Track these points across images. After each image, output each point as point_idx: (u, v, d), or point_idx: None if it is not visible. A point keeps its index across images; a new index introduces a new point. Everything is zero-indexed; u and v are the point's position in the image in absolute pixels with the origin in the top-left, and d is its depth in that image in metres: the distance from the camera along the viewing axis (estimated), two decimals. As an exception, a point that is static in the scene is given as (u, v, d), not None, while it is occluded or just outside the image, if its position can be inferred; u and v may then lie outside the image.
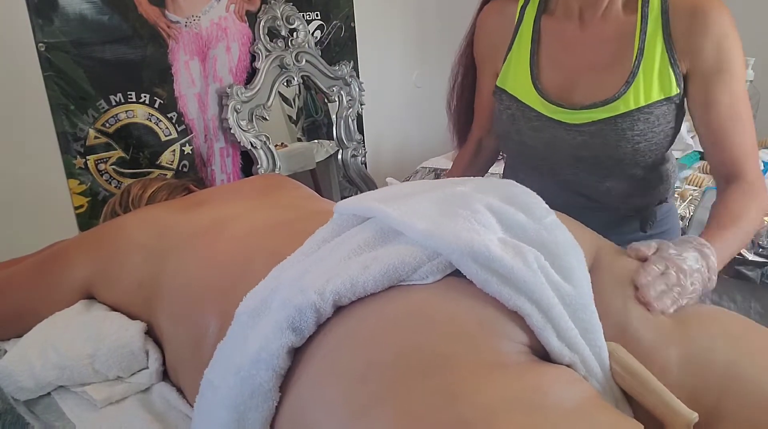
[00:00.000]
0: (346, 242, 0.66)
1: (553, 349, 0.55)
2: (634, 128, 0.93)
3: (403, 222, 0.64)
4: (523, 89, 1.01)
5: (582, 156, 0.98)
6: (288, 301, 0.58)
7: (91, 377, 0.82)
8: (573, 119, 0.96)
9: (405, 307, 0.57)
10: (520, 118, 1.01)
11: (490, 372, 0.51)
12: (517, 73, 1.02)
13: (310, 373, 0.56)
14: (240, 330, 0.62)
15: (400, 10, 2.49)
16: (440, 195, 0.70)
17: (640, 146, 0.94)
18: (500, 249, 0.58)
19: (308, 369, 0.56)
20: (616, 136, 0.94)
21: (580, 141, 0.97)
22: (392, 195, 0.73)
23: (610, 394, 0.57)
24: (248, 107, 1.95)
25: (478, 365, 0.51)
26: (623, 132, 0.94)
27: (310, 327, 0.58)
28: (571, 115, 0.96)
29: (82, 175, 1.68)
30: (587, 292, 0.60)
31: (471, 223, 0.63)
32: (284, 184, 1.09)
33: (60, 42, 1.58)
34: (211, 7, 1.87)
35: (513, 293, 0.56)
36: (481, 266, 0.57)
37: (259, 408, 0.56)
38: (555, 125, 0.98)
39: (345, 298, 0.58)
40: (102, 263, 0.91)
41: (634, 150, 0.95)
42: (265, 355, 0.56)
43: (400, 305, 0.58)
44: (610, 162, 0.98)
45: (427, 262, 0.60)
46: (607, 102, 0.94)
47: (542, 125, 0.99)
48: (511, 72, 1.03)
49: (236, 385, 0.57)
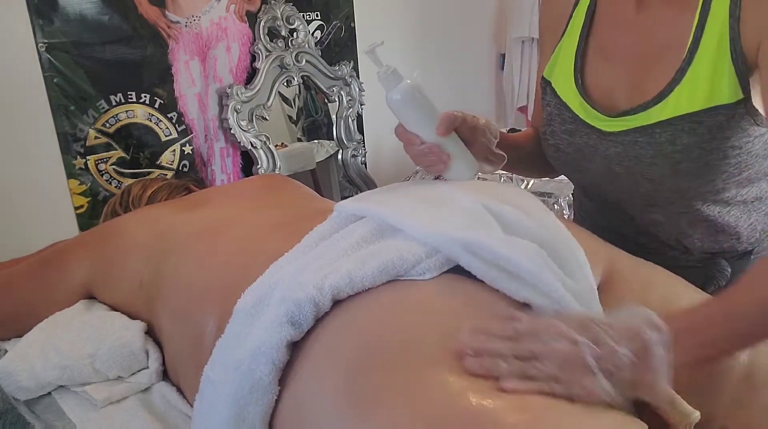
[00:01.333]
0: (344, 239, 0.67)
1: None
2: (675, 142, 0.72)
3: (402, 219, 0.64)
4: (565, 84, 0.85)
5: (617, 172, 0.80)
6: (287, 296, 0.59)
7: (92, 377, 0.82)
8: (607, 126, 0.79)
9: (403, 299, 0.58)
10: (555, 118, 0.86)
11: None
12: (564, 65, 0.86)
13: (308, 365, 0.56)
14: (239, 326, 0.62)
15: (400, 10, 2.49)
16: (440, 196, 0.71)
17: (682, 167, 0.73)
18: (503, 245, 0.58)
19: (306, 362, 0.56)
20: (652, 150, 0.74)
21: (613, 153, 0.79)
22: (392, 194, 0.73)
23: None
24: (248, 107, 1.95)
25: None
26: (660, 146, 0.74)
27: (308, 321, 0.58)
28: (606, 121, 0.79)
29: (82, 175, 1.68)
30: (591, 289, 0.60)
31: (471, 221, 0.63)
32: (284, 184, 1.09)
33: (60, 42, 1.58)
34: (211, 7, 1.87)
35: (521, 287, 0.56)
36: (485, 262, 0.57)
37: (259, 402, 0.56)
38: (589, 131, 0.81)
39: (343, 292, 0.59)
40: (102, 263, 0.91)
41: (674, 172, 0.74)
42: (264, 349, 0.57)
43: (399, 298, 0.58)
44: (648, 186, 0.78)
45: (425, 259, 0.61)
46: (644, 107, 0.75)
47: (576, 129, 0.83)
48: (559, 62, 0.87)
49: (236, 380, 0.57)
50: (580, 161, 0.84)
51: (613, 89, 0.80)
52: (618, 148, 0.78)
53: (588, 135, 0.82)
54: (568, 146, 0.85)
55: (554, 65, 0.88)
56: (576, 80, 0.83)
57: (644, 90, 0.76)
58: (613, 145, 0.79)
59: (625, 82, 0.79)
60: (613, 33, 0.81)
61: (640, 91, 0.77)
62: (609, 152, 0.79)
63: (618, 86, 0.80)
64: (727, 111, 0.70)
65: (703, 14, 0.71)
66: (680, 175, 0.74)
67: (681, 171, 0.74)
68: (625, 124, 0.77)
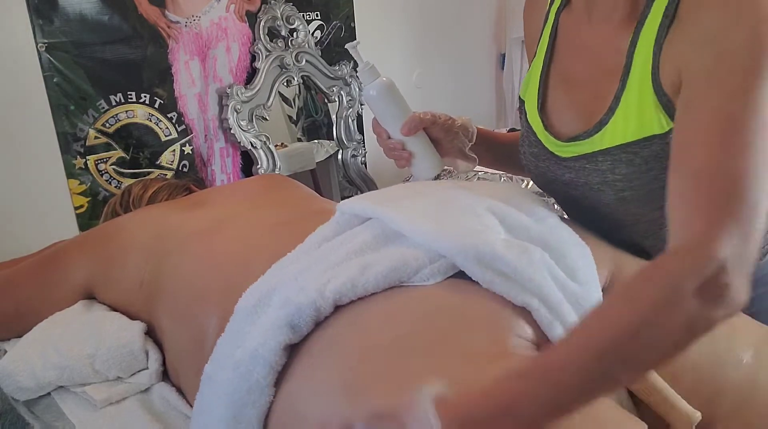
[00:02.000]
0: (347, 242, 0.66)
1: None
2: (615, 171, 0.71)
3: (405, 224, 0.64)
4: (531, 108, 0.84)
5: (574, 196, 0.80)
6: (289, 299, 0.58)
7: (91, 377, 0.82)
8: (561, 151, 0.78)
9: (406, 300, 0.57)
10: (525, 140, 0.85)
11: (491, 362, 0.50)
12: (531, 88, 0.84)
13: (305, 368, 0.56)
14: (239, 325, 0.62)
15: (400, 10, 2.49)
16: (442, 197, 0.70)
17: (626, 196, 0.72)
18: (505, 249, 0.58)
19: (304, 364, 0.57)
20: (599, 178, 0.74)
21: (568, 178, 0.78)
22: (394, 196, 0.73)
23: (615, 392, 0.57)
24: (248, 107, 1.95)
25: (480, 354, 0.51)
26: (603, 174, 0.73)
27: (308, 325, 0.58)
28: (560, 146, 0.78)
29: (82, 175, 1.68)
30: (595, 290, 0.59)
31: (474, 225, 0.63)
32: (284, 184, 1.09)
33: (60, 42, 1.58)
34: (211, 7, 1.87)
35: (520, 291, 0.56)
36: (486, 267, 0.57)
37: (256, 403, 0.56)
38: (548, 156, 0.80)
39: (346, 297, 0.58)
40: (102, 263, 0.91)
41: (618, 199, 0.73)
42: (262, 352, 0.57)
43: (401, 299, 0.58)
44: (605, 210, 0.77)
45: (429, 264, 0.60)
46: (587, 135, 0.74)
47: (539, 152, 0.82)
48: (530, 84, 0.85)
49: (234, 380, 0.57)
50: (546, 184, 0.85)
51: (566, 114, 0.79)
52: (571, 173, 0.77)
53: (548, 160, 0.81)
54: (535, 169, 0.84)
55: (527, 86, 0.86)
56: (538, 105, 0.82)
57: (590, 116, 0.74)
58: (567, 171, 0.78)
59: (576, 108, 0.78)
60: (571, 57, 0.79)
61: (587, 118, 0.75)
62: (564, 178, 0.79)
63: (570, 112, 0.78)
64: (661, 140, 0.67)
65: (634, 38, 0.68)
66: (627, 202, 0.73)
67: (626, 199, 0.72)
68: (575, 149, 0.76)
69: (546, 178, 0.83)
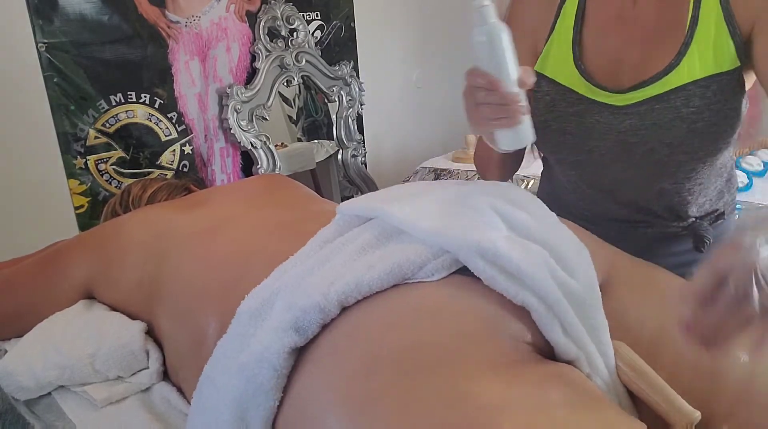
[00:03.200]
0: (349, 243, 0.66)
1: (558, 344, 0.55)
2: (689, 104, 0.82)
3: (407, 221, 0.64)
4: (565, 71, 0.90)
5: (631, 143, 0.87)
6: (293, 303, 0.58)
7: (92, 377, 0.82)
8: (620, 101, 0.86)
9: (410, 303, 0.57)
10: (560, 103, 0.90)
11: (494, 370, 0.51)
12: (559, 55, 0.91)
13: (313, 371, 0.56)
14: (241, 328, 0.62)
15: (400, 10, 2.49)
16: (443, 195, 0.70)
17: (698, 127, 0.82)
18: (507, 246, 0.58)
19: (311, 367, 0.56)
20: (670, 114, 0.83)
21: (628, 125, 0.86)
22: (395, 196, 0.73)
23: (614, 392, 0.57)
24: (248, 107, 1.95)
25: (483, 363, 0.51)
26: (677, 110, 0.83)
27: (314, 328, 0.57)
28: (617, 96, 0.86)
29: (82, 175, 1.68)
30: (594, 290, 0.59)
31: (476, 222, 0.63)
32: (285, 184, 1.09)
33: (60, 42, 1.58)
34: (211, 7, 1.87)
35: (519, 289, 0.56)
36: (489, 262, 0.57)
37: (261, 407, 0.56)
38: (600, 108, 0.87)
39: (351, 298, 0.58)
40: (102, 263, 0.91)
41: (690, 131, 0.83)
42: (267, 355, 0.56)
43: (406, 302, 0.57)
44: (665, 151, 0.86)
45: (432, 260, 0.60)
46: (657, 77, 0.84)
47: (585, 109, 0.88)
48: (552, 54, 0.92)
49: (240, 384, 0.57)
50: (587, 141, 0.89)
51: (617, 71, 0.88)
52: (633, 119, 0.86)
53: (599, 113, 0.88)
54: (577, 127, 0.90)
55: (547, 60, 0.93)
56: (577, 65, 0.90)
57: (651, 66, 0.85)
58: (627, 118, 0.86)
59: (630, 64, 0.87)
60: (611, 22, 0.89)
61: (647, 68, 0.85)
62: (623, 126, 0.86)
63: (622, 68, 0.88)
64: (728, 77, 0.81)
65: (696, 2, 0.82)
66: (695, 134, 0.83)
67: (696, 130, 0.83)
68: (641, 94, 0.85)
69: (590, 134, 0.89)
